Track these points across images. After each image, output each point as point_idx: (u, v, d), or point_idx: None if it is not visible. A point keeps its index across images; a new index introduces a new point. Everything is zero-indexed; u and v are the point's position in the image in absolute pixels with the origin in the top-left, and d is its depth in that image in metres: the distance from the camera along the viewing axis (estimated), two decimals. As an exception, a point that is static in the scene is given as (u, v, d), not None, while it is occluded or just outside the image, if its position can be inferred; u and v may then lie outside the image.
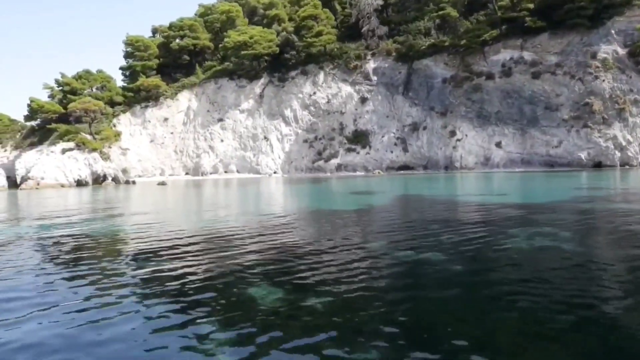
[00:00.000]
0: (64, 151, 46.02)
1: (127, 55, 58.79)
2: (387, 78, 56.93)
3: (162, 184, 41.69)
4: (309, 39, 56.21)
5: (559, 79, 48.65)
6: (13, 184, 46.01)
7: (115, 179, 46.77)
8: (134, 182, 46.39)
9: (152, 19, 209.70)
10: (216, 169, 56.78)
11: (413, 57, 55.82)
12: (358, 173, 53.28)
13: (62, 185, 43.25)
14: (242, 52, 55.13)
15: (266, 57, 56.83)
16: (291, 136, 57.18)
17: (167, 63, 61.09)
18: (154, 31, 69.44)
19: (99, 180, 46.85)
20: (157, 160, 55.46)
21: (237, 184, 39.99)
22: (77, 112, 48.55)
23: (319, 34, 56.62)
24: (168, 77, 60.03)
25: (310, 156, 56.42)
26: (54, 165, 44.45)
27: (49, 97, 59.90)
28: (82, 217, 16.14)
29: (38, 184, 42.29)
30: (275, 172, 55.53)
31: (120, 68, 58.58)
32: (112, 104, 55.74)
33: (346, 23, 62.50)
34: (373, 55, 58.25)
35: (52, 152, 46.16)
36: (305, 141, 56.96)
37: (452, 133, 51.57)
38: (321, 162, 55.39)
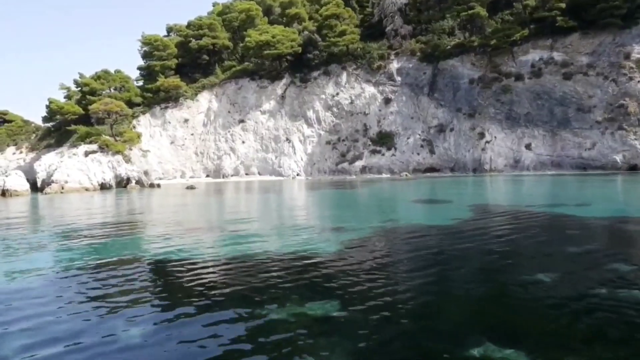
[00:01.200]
0: (86, 154, 44.85)
1: (145, 55, 57.54)
2: (412, 78, 55.89)
3: (191, 187, 40.53)
4: (332, 39, 55.10)
5: (592, 80, 47.70)
6: (33, 187, 44.81)
7: (139, 182, 45.60)
8: (158, 186, 45.25)
9: (166, 17, 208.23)
10: (237, 171, 55.68)
11: (439, 57, 54.77)
12: (384, 175, 52.24)
13: (87, 189, 42.10)
14: (265, 52, 53.99)
15: (288, 57, 55.66)
16: (313, 138, 56.10)
17: (185, 63, 59.90)
18: (169, 30, 68.22)
19: (122, 183, 45.71)
20: (177, 162, 54.31)
21: (269, 189, 38.89)
22: (100, 114, 47.38)
23: (342, 33, 55.51)
24: (186, 77, 58.85)
25: (333, 158, 55.35)
26: (77, 168, 43.27)
27: (65, 97, 58.68)
28: (155, 232, 15.02)
29: (62, 188, 41.11)
30: (298, 175, 54.42)
31: (139, 68, 57.41)
32: (130, 104, 54.51)
33: (367, 22, 61.39)
34: (396, 55, 57.18)
35: (74, 154, 44.97)
36: (328, 143, 55.87)
37: (481, 135, 50.57)
38: (345, 164, 54.33)
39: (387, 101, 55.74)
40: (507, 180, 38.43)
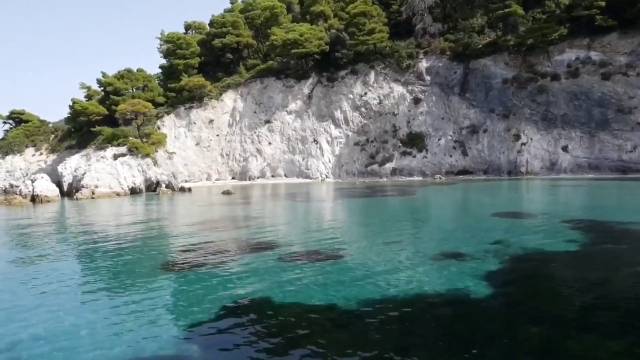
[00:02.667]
0: (115, 157, 43.40)
1: (168, 53, 55.95)
2: (442, 78, 54.61)
3: (228, 192, 39.15)
4: (361, 37, 53.70)
5: (632, 81, 46.57)
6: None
7: (169, 186, 44.21)
8: (189, 190, 43.88)
9: (181, 14, 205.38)
10: (263, 173, 54.38)
11: (470, 56, 53.51)
12: (415, 178, 51.05)
13: (118, 194, 40.70)
14: (293, 51, 52.54)
15: (316, 56, 54.24)
16: (341, 139, 54.80)
17: (208, 61, 58.38)
18: (187, 27, 66.68)
19: (151, 187, 44.33)
20: (203, 164, 52.95)
21: (310, 194, 37.65)
22: (128, 115, 45.95)
23: (371, 31, 54.12)
24: (209, 76, 57.37)
25: (362, 160, 54.09)
26: (106, 172, 41.85)
27: (85, 97, 57.18)
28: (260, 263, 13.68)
29: (93, 193, 39.70)
30: (326, 177, 53.15)
31: (161, 67, 55.84)
32: (153, 104, 52.97)
33: (393, 20, 59.91)
34: (425, 54, 55.87)
35: (102, 157, 43.51)
36: (357, 144, 54.60)
37: (517, 137, 49.42)
38: (375, 166, 53.10)
39: (416, 101, 54.46)
40: (556, 185, 37.27)
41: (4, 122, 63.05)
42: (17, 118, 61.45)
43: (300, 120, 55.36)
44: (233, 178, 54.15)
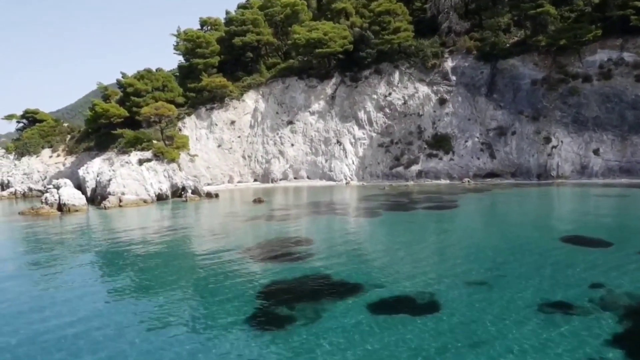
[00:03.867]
0: (140, 162, 42.31)
1: (187, 52, 54.52)
2: (468, 78, 53.43)
3: (260, 201, 38.14)
4: (386, 36, 52.39)
5: (667, 83, 45.54)
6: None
7: (195, 192, 43.19)
8: (216, 195, 42.86)
9: (198, 11, 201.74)
10: (286, 175, 53.38)
11: (497, 56, 52.29)
12: (442, 181, 50.12)
13: (145, 201, 39.70)
14: (317, 51, 51.25)
15: (339, 56, 52.97)
16: (365, 140, 53.74)
17: (227, 59, 57.01)
18: (203, 23, 65.18)
19: (177, 192, 43.33)
20: (225, 167, 51.89)
21: (342, 202, 36.72)
22: (152, 118, 44.83)
23: (396, 30, 52.81)
24: (228, 75, 56.01)
25: (386, 161, 53.08)
26: (132, 178, 40.80)
27: (103, 98, 55.89)
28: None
29: (120, 201, 38.67)
30: (350, 179, 52.17)
31: (180, 66, 54.37)
32: (173, 105, 51.71)
33: (416, 17, 58.56)
34: (450, 53, 54.64)
35: (126, 162, 42.41)
36: (381, 145, 53.55)
37: (547, 139, 48.45)
38: (400, 169, 52.12)
39: (442, 102, 53.35)
40: (597, 194, 36.36)
41: (18, 122, 61.74)
42: (30, 117, 60.13)
43: (323, 121, 54.23)
44: (255, 180, 53.16)
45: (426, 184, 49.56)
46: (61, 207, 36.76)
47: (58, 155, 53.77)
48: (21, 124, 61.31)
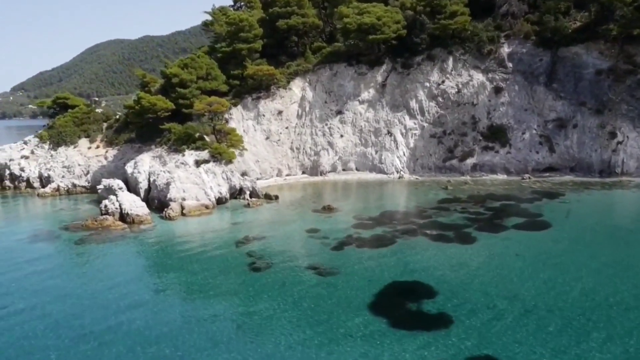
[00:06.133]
0: (197, 163, 40.39)
1: (229, 36, 51.31)
2: (525, 65, 50.97)
3: (329, 209, 36.57)
4: (442, 21, 49.46)
5: None
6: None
7: (253, 193, 41.55)
8: (276, 198, 41.26)
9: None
10: (334, 167, 51.62)
11: (559, 43, 49.63)
12: (499, 176, 48.62)
13: (206, 207, 38.03)
14: (370, 37, 48.39)
15: (393, 42, 50.14)
16: (416, 130, 51.70)
17: (269, 43, 53.93)
18: (236, 0, 61.58)
19: (234, 194, 41.68)
20: (274, 160, 49.98)
21: (420, 198, 35.24)
22: (206, 115, 42.64)
23: (453, 14, 49.81)
24: (270, 60, 53.13)
25: (439, 153, 51.28)
26: (191, 182, 38.98)
27: (141, 86, 53.18)
28: None
29: (182, 208, 37.02)
30: (402, 173, 50.48)
31: (222, 52, 51.22)
32: (217, 94, 49.25)
33: (469, -1, 55.03)
34: (507, 37, 51.86)
35: (182, 164, 40.48)
36: (433, 136, 51.59)
37: (612, 134, 46.72)
38: (454, 161, 50.40)
39: (497, 90, 51.06)
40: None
41: (49, 108, 58.96)
42: (62, 103, 57.34)
43: (373, 110, 51.98)
44: (303, 173, 51.43)
45: (483, 179, 48.08)
46: (124, 217, 35.15)
47: (97, 147, 51.42)
48: (51, 110, 58.54)
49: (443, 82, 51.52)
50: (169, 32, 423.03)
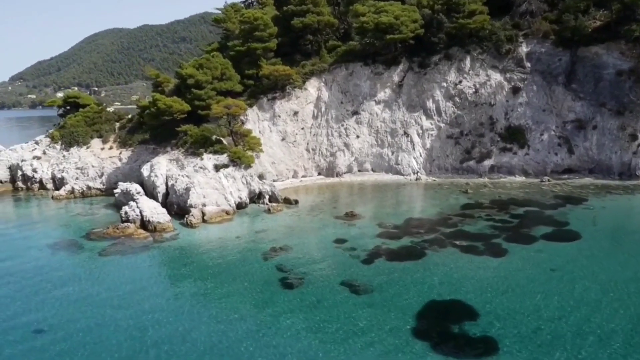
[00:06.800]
0: (217, 168, 39.89)
1: (243, 35, 50.45)
2: (544, 65, 50.27)
3: (352, 215, 36.20)
4: (460, 20, 48.70)
5: None
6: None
7: (272, 198, 41.14)
8: (295, 202, 40.88)
9: None
10: (350, 168, 51.18)
11: (579, 42, 48.91)
12: (517, 178, 48.28)
13: (227, 212, 37.65)
14: (388, 37, 47.64)
15: (410, 41, 49.39)
16: (433, 131, 51.16)
17: (283, 42, 53.12)
18: (245, -2, 60.59)
19: (253, 199, 41.26)
20: (290, 162, 49.49)
21: (442, 202, 34.86)
22: (224, 118, 42.08)
23: (471, 13, 49.04)
24: (285, 60, 52.34)
25: (456, 154, 50.80)
26: (211, 187, 38.53)
27: (154, 85, 52.46)
28: None
29: (204, 214, 36.62)
30: (419, 174, 50.05)
31: (236, 51, 50.38)
32: (231, 94, 48.61)
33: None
34: (525, 36, 51.08)
35: (201, 168, 39.97)
36: (450, 137, 51.07)
37: (633, 136, 46.31)
38: (472, 163, 49.95)
39: (515, 90, 50.43)
40: None
41: (59, 107, 58.22)
42: (73, 102, 56.62)
43: (390, 110, 51.37)
44: (319, 174, 50.97)
45: (502, 181, 47.72)
46: (145, 224, 34.76)
47: (110, 148, 50.81)
48: (62, 109, 57.81)
49: (460, 82, 50.87)
50: (168, 21, 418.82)
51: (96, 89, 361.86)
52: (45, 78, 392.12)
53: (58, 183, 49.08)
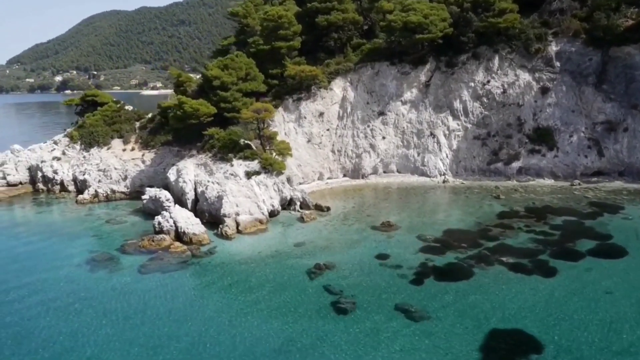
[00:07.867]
0: (248, 175, 39.16)
1: (267, 34, 49.24)
2: (574, 65, 49.33)
3: (389, 225, 35.69)
4: (490, 19, 47.58)
5: None
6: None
7: (303, 204, 40.56)
8: (327, 209, 40.31)
9: None
10: (375, 170, 50.54)
11: (610, 42, 47.88)
12: (546, 181, 47.69)
13: (260, 222, 37.09)
14: (417, 37, 46.56)
15: (439, 40, 48.30)
16: (459, 132, 50.42)
17: (306, 40, 51.92)
18: (263, -9, 59.05)
19: (284, 206, 40.67)
20: (316, 164, 48.79)
21: (476, 209, 34.37)
22: (254, 123, 41.27)
23: (502, 12, 47.88)
24: (308, 58, 51.27)
25: (483, 156, 50.15)
26: (243, 195, 37.90)
27: (175, 85, 51.39)
28: None
29: (238, 224, 36.06)
30: (446, 176, 49.45)
31: (259, 50, 49.20)
32: (255, 95, 47.70)
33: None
34: (555, 35, 49.99)
35: (232, 175, 39.26)
36: (477, 138, 50.35)
37: (665, 140, 45.59)
38: (499, 165, 49.34)
39: (543, 91, 49.58)
40: None
41: (77, 105, 57.13)
42: (91, 100, 55.55)
43: (416, 111, 50.53)
44: (344, 176, 50.35)
45: (531, 184, 47.14)
46: (179, 235, 34.23)
47: (132, 149, 49.92)
48: (79, 107, 56.74)
49: (488, 81, 49.97)
50: (167, 3, 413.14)
51: (95, 72, 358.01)
52: (43, 61, 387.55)
53: (80, 185, 48.37)
